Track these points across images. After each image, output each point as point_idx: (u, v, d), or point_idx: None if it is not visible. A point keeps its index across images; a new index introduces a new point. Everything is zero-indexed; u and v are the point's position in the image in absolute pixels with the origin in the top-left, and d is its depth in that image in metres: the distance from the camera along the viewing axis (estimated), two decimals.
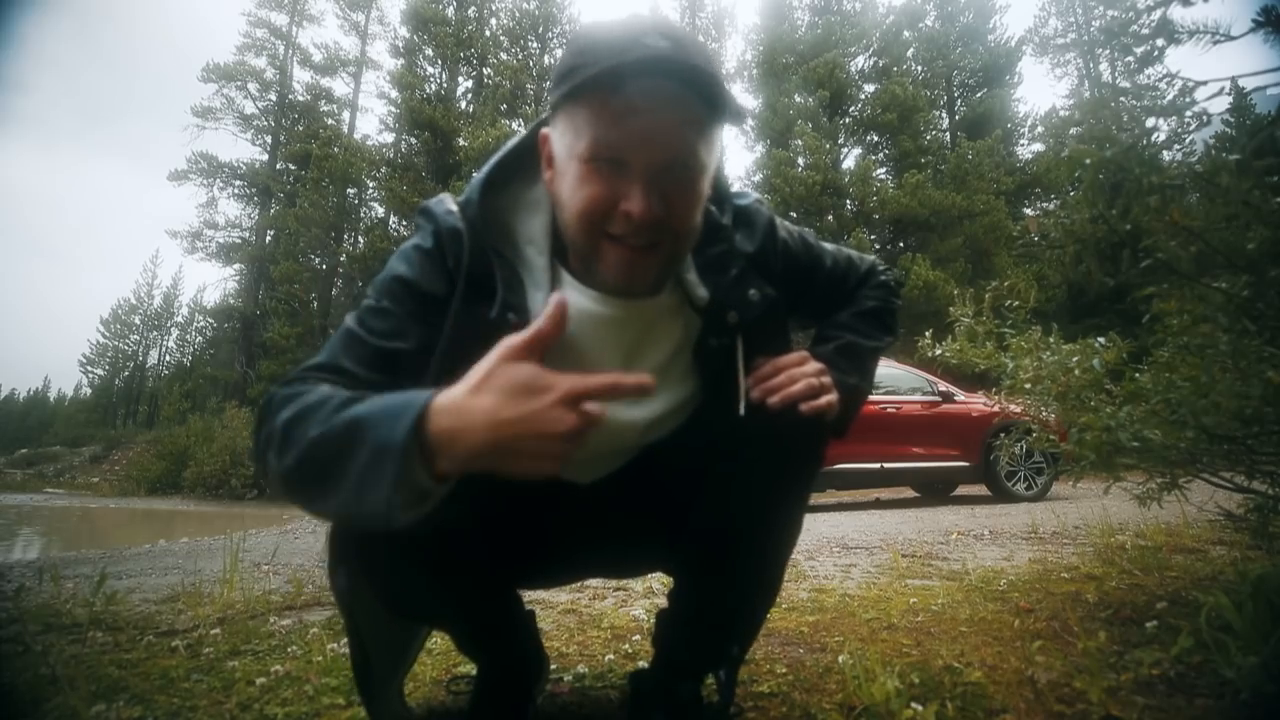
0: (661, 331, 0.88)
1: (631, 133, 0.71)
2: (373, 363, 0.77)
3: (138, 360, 43.85)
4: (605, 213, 0.74)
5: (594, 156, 0.72)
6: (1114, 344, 1.87)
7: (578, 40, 0.75)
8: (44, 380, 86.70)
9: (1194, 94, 1.33)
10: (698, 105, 0.71)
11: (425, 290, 0.81)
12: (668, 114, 0.71)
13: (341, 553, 0.85)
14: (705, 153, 0.75)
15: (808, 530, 4.16)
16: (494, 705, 1.04)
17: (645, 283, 0.80)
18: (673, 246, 0.78)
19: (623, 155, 0.72)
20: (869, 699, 1.05)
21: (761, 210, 0.95)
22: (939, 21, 23.28)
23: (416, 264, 0.82)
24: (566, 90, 0.71)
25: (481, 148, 20.34)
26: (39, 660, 1.36)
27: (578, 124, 0.73)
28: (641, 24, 0.72)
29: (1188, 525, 2.71)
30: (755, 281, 0.87)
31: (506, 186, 0.86)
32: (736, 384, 0.84)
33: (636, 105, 0.69)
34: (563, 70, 0.74)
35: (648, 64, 0.68)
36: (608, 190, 0.73)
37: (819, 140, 19.42)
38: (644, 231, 0.74)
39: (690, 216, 0.78)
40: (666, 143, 0.72)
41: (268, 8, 26.44)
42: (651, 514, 0.95)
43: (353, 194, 24.93)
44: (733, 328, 0.86)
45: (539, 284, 0.82)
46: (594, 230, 0.76)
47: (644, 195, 0.72)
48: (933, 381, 6.67)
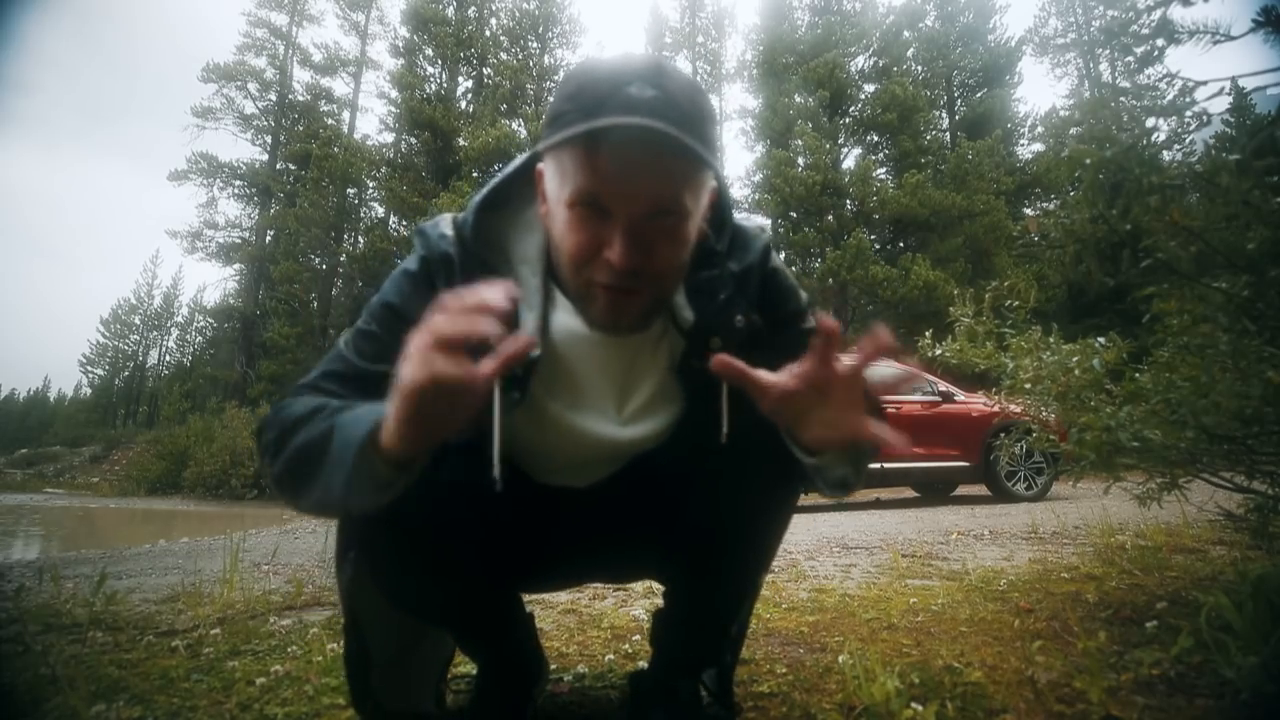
0: (651, 354, 0.89)
1: (612, 183, 0.71)
2: (361, 384, 0.80)
3: (138, 360, 43.88)
4: (589, 259, 0.75)
5: (577, 203, 0.73)
6: (1114, 344, 1.87)
7: (569, 82, 0.76)
8: (44, 380, 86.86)
9: (1194, 94, 1.33)
10: (680, 154, 0.71)
11: (410, 318, 0.81)
12: (648, 165, 0.71)
13: (347, 545, 0.87)
14: (690, 199, 0.75)
15: (808, 530, 4.16)
16: (494, 705, 1.05)
17: (630, 324, 0.81)
18: (655, 290, 0.79)
19: (603, 203, 0.72)
20: (869, 699, 1.05)
21: (760, 236, 0.95)
22: (939, 21, 23.28)
23: (402, 290, 0.85)
24: (551, 141, 0.72)
25: (481, 148, 20.38)
26: (39, 660, 1.36)
27: (564, 169, 0.74)
28: (631, 68, 0.72)
29: (1188, 525, 2.71)
30: (742, 308, 0.87)
31: (503, 207, 0.87)
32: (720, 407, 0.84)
33: (616, 157, 0.70)
34: (552, 114, 0.74)
35: (629, 120, 0.67)
36: (591, 237, 0.74)
37: (819, 140, 19.42)
38: (625, 278, 0.75)
39: (672, 262, 0.78)
40: (647, 193, 0.72)
41: (268, 8, 26.43)
42: (646, 517, 0.96)
43: (353, 194, 24.94)
44: (715, 352, 0.85)
45: (531, 305, 0.83)
46: (580, 274, 0.77)
47: (624, 244, 0.72)
48: (933, 381, 6.67)
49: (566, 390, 0.87)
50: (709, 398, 0.85)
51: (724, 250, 0.90)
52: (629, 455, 0.93)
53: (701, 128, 0.71)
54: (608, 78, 0.71)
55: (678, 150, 0.69)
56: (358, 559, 0.87)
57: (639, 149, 0.69)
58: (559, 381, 0.86)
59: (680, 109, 0.70)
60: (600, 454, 0.92)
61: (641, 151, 0.69)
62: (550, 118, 0.75)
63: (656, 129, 0.67)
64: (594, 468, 0.94)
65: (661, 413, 0.90)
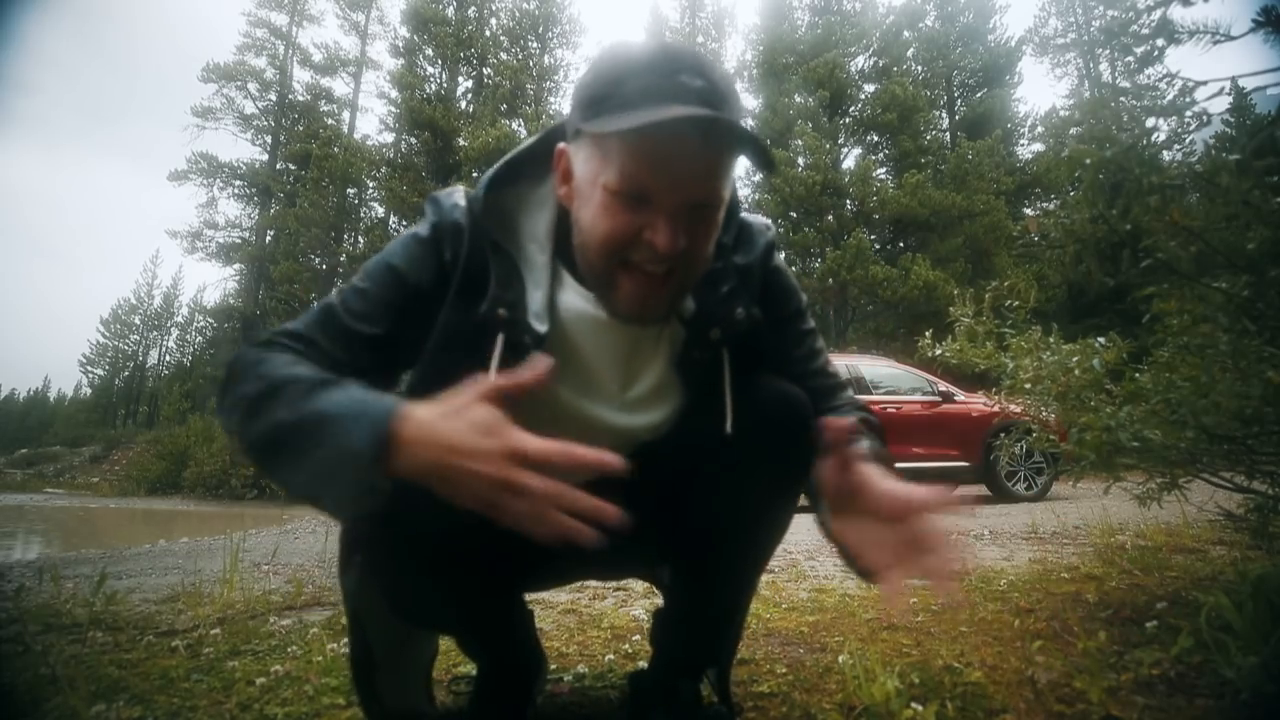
0: (654, 342, 0.89)
1: (664, 174, 0.71)
2: (342, 340, 0.79)
3: (138, 360, 43.81)
4: (629, 242, 0.75)
5: (622, 190, 0.72)
6: (1114, 344, 1.87)
7: (606, 65, 0.74)
8: (44, 380, 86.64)
9: (1194, 94, 1.33)
10: (728, 148, 0.72)
11: (411, 282, 0.82)
12: (701, 158, 0.71)
13: (350, 551, 0.86)
14: (725, 189, 0.76)
15: (808, 530, 4.14)
16: (494, 705, 1.04)
17: (659, 312, 0.81)
18: (686, 275, 0.79)
19: (651, 195, 0.72)
20: (869, 699, 1.05)
21: (766, 233, 0.95)
22: (939, 21, 23.28)
23: (409, 253, 0.83)
24: (603, 127, 0.70)
25: (481, 148, 20.35)
26: (39, 660, 1.36)
27: (607, 154, 0.72)
28: (675, 58, 0.71)
29: (1188, 525, 2.70)
30: (744, 301, 0.87)
31: (514, 184, 0.86)
32: (723, 400, 0.84)
33: (671, 150, 0.70)
34: (593, 96, 0.73)
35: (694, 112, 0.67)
36: (633, 221, 0.73)
37: (819, 140, 19.42)
38: (665, 262, 0.75)
39: (708, 248, 0.79)
40: (696, 185, 0.73)
41: (268, 8, 26.46)
42: (646, 514, 0.96)
43: (353, 194, 24.95)
44: (714, 343, 0.86)
45: (538, 282, 0.83)
46: (613, 257, 0.76)
47: (669, 230, 0.72)
48: (933, 381, 6.67)
49: (571, 372, 0.85)
50: (709, 391, 0.85)
51: (729, 243, 0.90)
52: (630, 446, 0.92)
53: (741, 114, 0.73)
54: (654, 65, 0.71)
55: (734, 141, 0.70)
56: (362, 563, 0.86)
57: (697, 140, 0.69)
58: (563, 363, 0.85)
59: (726, 99, 0.71)
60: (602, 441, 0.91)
61: (699, 142, 0.70)
62: (588, 100, 0.73)
63: (721, 120, 0.68)
64: None
65: (663, 404, 0.90)
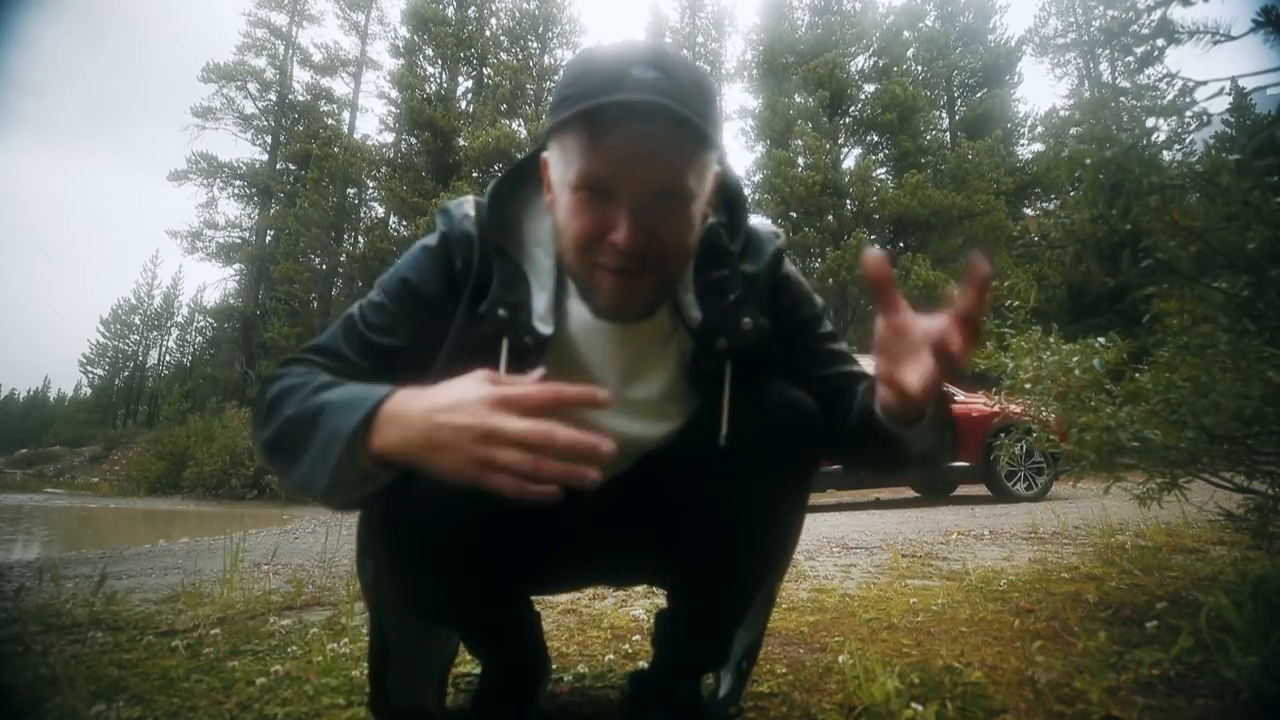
0: (659, 351, 0.89)
1: (616, 165, 0.72)
2: (365, 353, 0.83)
3: (138, 360, 43.82)
4: (594, 242, 0.75)
5: (582, 186, 0.74)
6: (1114, 344, 1.87)
7: (573, 68, 0.76)
8: (44, 380, 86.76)
9: (1194, 94, 1.33)
10: (684, 136, 0.71)
11: (422, 293, 0.85)
12: (652, 146, 0.71)
13: (367, 546, 0.87)
14: (694, 181, 0.75)
15: (808, 530, 4.15)
16: (498, 705, 1.04)
17: (636, 309, 0.82)
18: (661, 272, 0.79)
19: (609, 186, 0.73)
20: (869, 699, 1.05)
21: (775, 240, 0.95)
22: (939, 21, 23.29)
23: (419, 265, 0.87)
24: (555, 121, 0.73)
25: (481, 148, 20.38)
26: (39, 660, 1.36)
27: (568, 153, 0.74)
28: (634, 52, 0.72)
29: (1188, 525, 2.70)
30: (751, 310, 0.86)
31: (516, 193, 0.88)
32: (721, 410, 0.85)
33: (621, 138, 0.70)
34: (557, 98, 0.75)
35: (633, 97, 0.68)
36: (597, 220, 0.74)
37: (819, 140, 19.42)
38: (631, 260, 0.75)
39: (678, 244, 0.78)
40: (652, 174, 0.72)
41: (268, 8, 26.45)
42: (653, 520, 0.96)
43: (353, 194, 24.95)
44: (721, 353, 0.86)
45: (544, 285, 0.84)
46: (585, 258, 0.77)
47: (629, 226, 0.73)
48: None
49: (575, 377, 0.85)
50: (718, 401, 0.85)
51: (737, 251, 0.90)
52: (637, 453, 0.92)
53: (703, 106, 0.71)
54: (610, 62, 0.72)
55: (679, 122, 0.69)
56: (376, 559, 0.87)
57: (641, 125, 0.70)
58: (568, 367, 0.86)
59: (682, 88, 0.70)
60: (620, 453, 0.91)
61: (644, 128, 0.70)
62: (554, 104, 0.75)
63: (658, 102, 0.68)
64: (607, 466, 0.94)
65: (671, 413, 0.90)
